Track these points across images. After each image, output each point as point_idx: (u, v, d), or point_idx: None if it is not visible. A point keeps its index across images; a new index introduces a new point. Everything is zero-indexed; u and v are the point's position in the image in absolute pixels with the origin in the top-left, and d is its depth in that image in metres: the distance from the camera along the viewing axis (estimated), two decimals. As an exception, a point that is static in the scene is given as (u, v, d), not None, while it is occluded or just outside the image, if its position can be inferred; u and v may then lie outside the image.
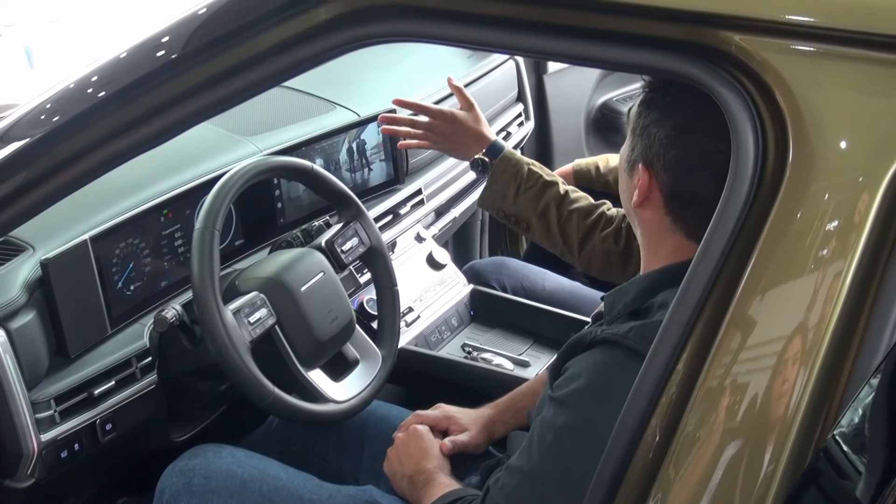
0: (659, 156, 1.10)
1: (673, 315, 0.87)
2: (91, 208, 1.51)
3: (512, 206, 1.62)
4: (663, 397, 0.87)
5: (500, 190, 1.62)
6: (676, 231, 1.13)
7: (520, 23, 0.92)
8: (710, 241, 0.86)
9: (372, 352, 1.65)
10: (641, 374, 0.88)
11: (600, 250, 1.61)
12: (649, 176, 1.11)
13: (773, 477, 0.81)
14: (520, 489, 1.11)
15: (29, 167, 1.09)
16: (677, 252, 1.12)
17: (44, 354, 1.40)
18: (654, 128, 1.10)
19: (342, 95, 2.07)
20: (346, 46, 0.98)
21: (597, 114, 2.89)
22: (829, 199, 0.81)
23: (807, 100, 0.81)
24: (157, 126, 1.06)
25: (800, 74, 0.81)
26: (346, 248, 1.65)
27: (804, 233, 0.81)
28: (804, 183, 0.82)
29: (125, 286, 1.54)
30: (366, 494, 1.36)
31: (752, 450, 0.82)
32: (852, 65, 0.80)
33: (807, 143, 0.81)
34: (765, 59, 0.82)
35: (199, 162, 1.71)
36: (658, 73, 1.01)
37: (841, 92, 0.81)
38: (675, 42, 0.86)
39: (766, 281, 0.83)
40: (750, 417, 0.83)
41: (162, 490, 1.41)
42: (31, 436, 1.34)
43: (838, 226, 0.80)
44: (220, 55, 1.02)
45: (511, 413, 1.50)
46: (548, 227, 1.62)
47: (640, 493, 0.88)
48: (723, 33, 0.83)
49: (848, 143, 0.81)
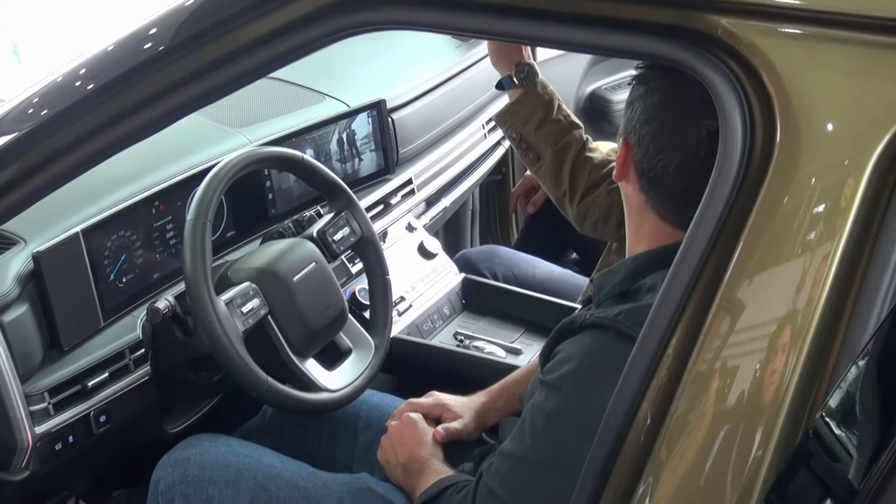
0: (635, 130, 1.11)
1: (663, 299, 0.87)
2: (82, 201, 1.50)
3: (532, 133, 1.60)
4: (654, 381, 0.87)
5: (525, 112, 1.59)
6: (651, 211, 1.13)
7: (509, 9, 0.92)
8: (699, 225, 0.86)
9: (365, 341, 1.65)
10: (632, 358, 0.88)
11: (604, 202, 1.60)
12: (627, 149, 1.13)
13: (764, 458, 0.81)
14: (513, 474, 1.11)
15: (18, 161, 1.08)
16: (656, 234, 1.13)
17: (37, 347, 1.39)
18: (638, 103, 1.11)
19: (332, 86, 2.06)
20: (336, 35, 0.97)
21: (586, 102, 2.89)
22: (816, 183, 0.81)
23: (794, 82, 0.81)
24: (147, 117, 1.05)
25: (787, 57, 0.81)
26: (338, 238, 1.65)
27: (792, 216, 0.81)
28: (792, 166, 0.82)
29: (117, 278, 1.53)
30: (360, 482, 1.36)
31: (743, 431, 0.83)
32: (838, 47, 0.80)
33: (794, 125, 0.81)
34: (752, 42, 0.82)
35: (190, 154, 1.71)
36: (647, 57, 1.01)
37: (827, 74, 0.81)
38: (663, 26, 0.86)
39: (754, 264, 0.83)
40: (740, 400, 0.83)
41: (157, 481, 1.41)
42: (25, 428, 1.34)
43: (826, 209, 0.80)
44: (209, 45, 1.02)
45: (503, 400, 1.50)
46: (560, 165, 1.61)
47: (631, 476, 0.88)
48: (710, 17, 0.83)
49: (835, 125, 0.81)
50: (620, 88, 2.91)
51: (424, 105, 2.19)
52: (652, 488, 0.87)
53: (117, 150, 1.08)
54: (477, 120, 2.38)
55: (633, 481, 0.88)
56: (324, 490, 1.34)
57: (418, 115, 2.17)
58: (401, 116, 2.12)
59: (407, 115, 2.14)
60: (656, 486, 0.87)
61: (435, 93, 2.23)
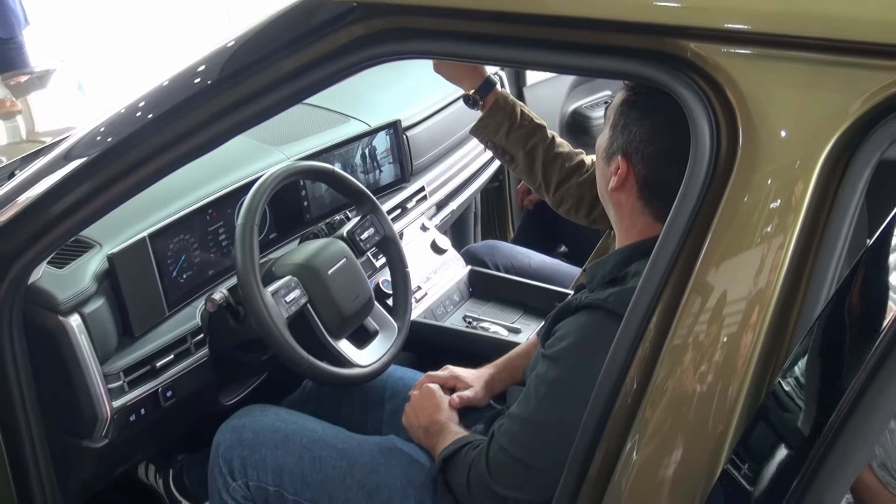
0: (638, 150, 1.09)
1: (644, 283, 0.87)
2: (148, 210, 1.50)
3: (504, 140, 1.58)
4: (639, 352, 0.87)
5: (494, 124, 1.58)
6: (646, 213, 1.12)
7: (509, 39, 0.92)
8: (674, 219, 0.86)
9: (389, 324, 1.65)
10: (620, 333, 0.88)
11: (575, 194, 1.60)
12: (628, 166, 1.11)
13: (732, 416, 0.81)
14: (520, 432, 1.12)
15: (90, 180, 1.09)
16: (645, 230, 1.12)
17: (112, 334, 1.40)
18: (635, 126, 1.09)
19: (355, 109, 2.06)
20: (364, 64, 0.97)
21: (569, 119, 2.89)
22: (773, 182, 0.81)
23: (752, 96, 0.81)
24: (196, 142, 1.06)
25: (746, 74, 0.81)
26: (365, 237, 1.65)
27: (753, 210, 0.81)
28: (752, 168, 0.81)
29: (179, 275, 1.54)
30: (389, 442, 1.36)
31: (715, 394, 0.83)
32: (789, 64, 0.80)
33: (754, 133, 0.81)
34: (716, 62, 0.82)
35: (236, 169, 1.70)
36: (628, 77, 1.01)
37: (780, 88, 0.81)
38: (640, 51, 0.86)
39: (721, 252, 0.83)
40: (711, 367, 0.83)
41: (217, 445, 1.42)
42: (104, 402, 1.34)
43: (781, 204, 0.80)
44: (251, 78, 1.02)
45: (508, 372, 1.50)
46: (532, 163, 1.60)
47: (621, 433, 0.88)
48: (681, 42, 0.83)
49: (788, 132, 0.80)
50: (598, 107, 2.90)
51: (433, 124, 2.19)
52: (638, 444, 0.87)
53: (173, 169, 1.09)
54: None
55: (622, 437, 0.88)
56: (359, 449, 1.34)
57: (428, 133, 2.17)
58: (414, 134, 2.12)
59: (419, 132, 2.14)
60: (642, 442, 0.87)
61: (442, 113, 2.23)
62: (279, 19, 1.02)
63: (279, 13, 1.02)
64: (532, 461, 1.10)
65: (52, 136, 2.03)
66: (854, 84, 0.77)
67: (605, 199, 1.20)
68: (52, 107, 2.49)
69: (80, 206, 1.11)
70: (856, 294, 0.75)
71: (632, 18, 0.85)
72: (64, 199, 1.11)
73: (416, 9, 0.94)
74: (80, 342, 1.31)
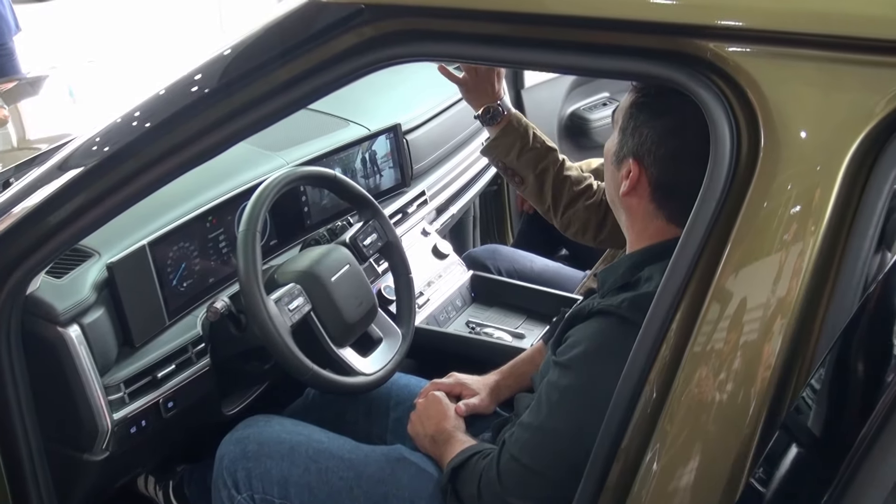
0: (650, 152, 1.07)
1: (663, 290, 0.85)
2: (147, 218, 1.47)
3: (515, 161, 1.59)
4: (658, 360, 0.85)
5: (506, 145, 1.58)
6: (659, 216, 1.10)
7: (521, 41, 0.90)
8: (693, 224, 0.84)
9: (393, 331, 1.62)
10: (638, 341, 0.86)
11: (582, 217, 1.61)
12: (639, 169, 1.08)
13: (755, 428, 0.79)
14: (531, 441, 1.09)
15: (86, 191, 1.07)
16: (658, 234, 1.10)
17: (112, 344, 1.37)
18: (645, 128, 1.07)
19: (354, 113, 2.04)
20: (371, 67, 0.95)
21: (567, 121, 2.86)
22: (794, 185, 0.79)
23: (774, 97, 0.79)
24: (194, 151, 1.04)
25: (767, 74, 0.79)
26: (367, 243, 1.62)
27: (774, 215, 0.79)
28: (774, 171, 0.79)
29: (179, 283, 1.51)
30: (396, 452, 1.33)
31: (737, 404, 0.80)
32: (811, 64, 0.78)
33: (775, 135, 0.79)
34: (737, 62, 0.80)
35: (236, 174, 1.68)
36: (646, 78, 0.98)
37: (803, 88, 0.79)
38: (657, 51, 0.83)
39: (742, 258, 0.81)
40: (732, 376, 0.81)
41: (221, 456, 1.39)
42: (104, 415, 1.31)
43: (803, 208, 0.78)
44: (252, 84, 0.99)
45: (513, 378, 1.47)
46: (542, 186, 1.60)
47: (640, 442, 0.86)
48: (700, 42, 0.81)
49: (810, 134, 0.78)
50: (596, 109, 2.88)
51: (433, 128, 2.17)
52: (659, 454, 0.85)
53: (172, 178, 1.07)
54: (477, 140, 2.35)
55: (641, 447, 0.86)
56: (366, 460, 1.32)
57: (428, 137, 2.15)
58: (414, 138, 2.09)
59: (419, 136, 2.11)
60: (662, 452, 0.84)
61: (441, 117, 2.21)
62: (281, 23, 0.99)
63: (281, 17, 0.99)
64: (544, 470, 1.08)
65: (45, 144, 1.99)
66: (879, 83, 0.75)
67: (615, 204, 1.17)
68: (43, 114, 2.46)
69: (78, 216, 1.09)
70: (886, 301, 0.73)
71: (649, 18, 0.82)
72: (62, 209, 1.08)
73: (427, 10, 0.92)
74: (80, 353, 1.28)
